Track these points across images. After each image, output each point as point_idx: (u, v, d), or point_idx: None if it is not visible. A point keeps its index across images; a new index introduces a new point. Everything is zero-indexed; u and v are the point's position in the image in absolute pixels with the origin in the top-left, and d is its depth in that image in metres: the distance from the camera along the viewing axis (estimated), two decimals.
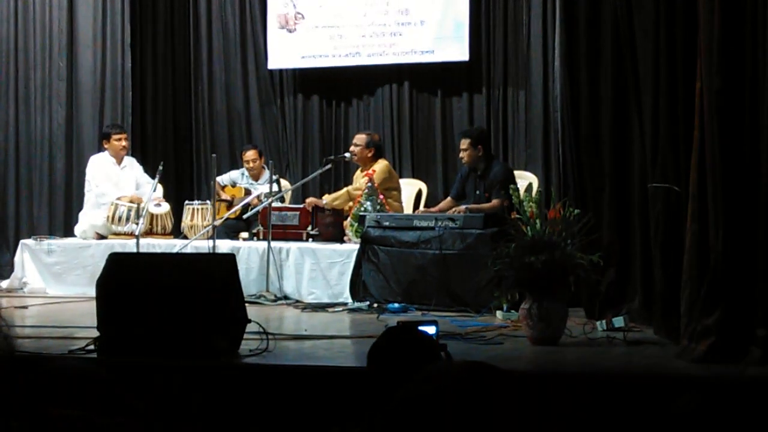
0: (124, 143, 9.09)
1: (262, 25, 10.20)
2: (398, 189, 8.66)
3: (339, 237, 8.17)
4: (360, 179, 8.55)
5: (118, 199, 8.83)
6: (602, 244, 6.20)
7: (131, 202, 8.84)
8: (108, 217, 8.75)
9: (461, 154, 8.05)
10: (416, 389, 1.82)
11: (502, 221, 6.92)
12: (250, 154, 9.44)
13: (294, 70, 10.19)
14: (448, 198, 8.46)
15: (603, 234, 6.32)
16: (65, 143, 9.87)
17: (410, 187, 9.20)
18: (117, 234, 8.73)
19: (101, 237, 8.77)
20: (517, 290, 6.13)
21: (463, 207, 7.79)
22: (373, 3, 9.68)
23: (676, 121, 5.49)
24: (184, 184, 10.40)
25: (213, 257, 7.04)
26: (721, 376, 4.59)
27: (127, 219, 8.71)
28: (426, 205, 8.87)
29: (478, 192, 8.05)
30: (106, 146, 9.10)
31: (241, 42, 10.38)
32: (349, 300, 7.50)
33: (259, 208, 8.38)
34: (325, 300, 7.67)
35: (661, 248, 5.66)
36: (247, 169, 9.43)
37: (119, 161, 9.11)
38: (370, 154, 8.57)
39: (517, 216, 5.96)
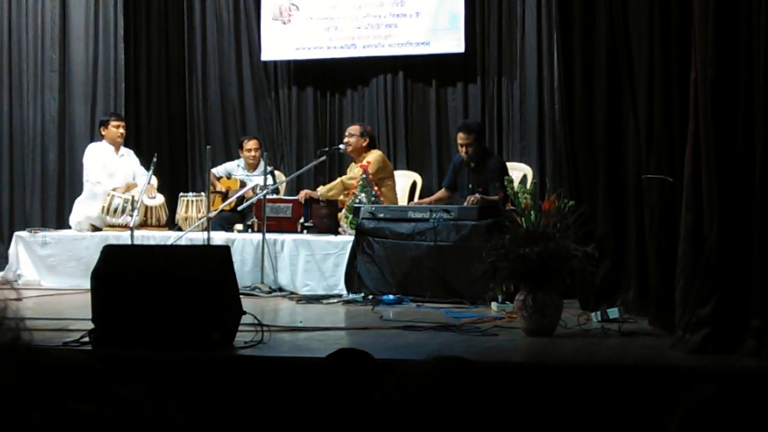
0: (121, 130, 9.09)
1: (256, 17, 10.18)
2: (393, 179, 8.65)
3: (334, 229, 8.17)
4: (354, 169, 8.55)
5: (114, 190, 8.82)
6: (597, 236, 6.20)
7: (127, 188, 8.84)
8: (103, 208, 8.74)
9: (464, 148, 7.99)
10: (395, 387, 1.82)
11: (496, 213, 6.92)
12: (251, 143, 9.42)
13: (288, 62, 10.17)
14: (442, 189, 8.46)
15: (597, 225, 6.32)
16: (58, 135, 9.85)
17: (405, 179, 9.19)
18: (112, 226, 8.72)
19: (96, 229, 8.76)
20: (511, 281, 6.14)
21: (478, 196, 7.71)
22: None
23: (671, 111, 5.49)
24: (178, 175, 10.38)
25: (207, 249, 7.03)
26: (722, 366, 4.59)
27: (122, 211, 8.69)
28: (421, 197, 8.87)
29: (471, 185, 8.04)
30: (103, 133, 9.09)
31: (235, 34, 10.36)
32: (344, 292, 7.51)
33: (254, 200, 8.37)
34: (320, 292, 7.67)
35: (655, 239, 5.66)
36: (247, 158, 9.40)
37: (117, 149, 9.10)
38: (364, 143, 8.57)
39: (512, 207, 5.96)
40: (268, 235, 7.96)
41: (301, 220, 8.27)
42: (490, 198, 7.69)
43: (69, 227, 8.98)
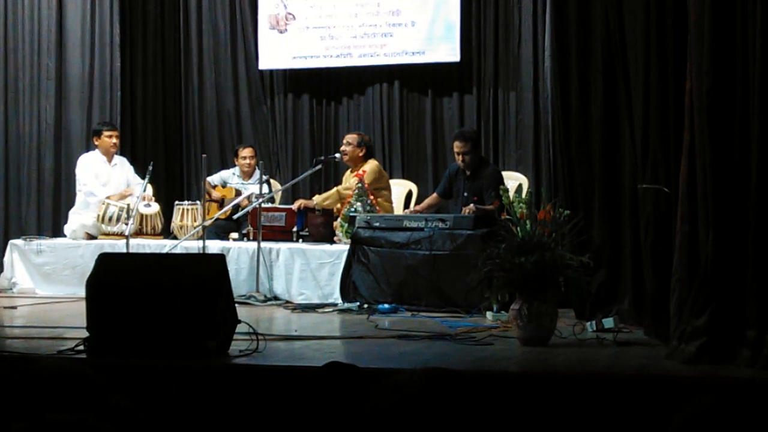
0: (114, 140, 9.09)
1: (252, 26, 10.20)
2: (388, 189, 8.66)
3: (329, 237, 8.17)
4: (350, 179, 8.55)
5: (108, 198, 8.82)
6: (592, 245, 6.20)
7: (122, 196, 8.84)
8: (98, 216, 8.73)
9: (460, 157, 7.98)
10: (383, 397, 1.82)
11: (492, 222, 6.92)
12: (247, 151, 9.44)
13: (285, 71, 10.19)
14: (434, 194, 8.46)
15: (593, 235, 6.32)
16: (54, 143, 9.84)
17: (400, 188, 9.20)
18: (107, 234, 8.71)
19: (91, 237, 8.75)
20: (507, 291, 6.13)
21: (473, 207, 7.71)
22: (364, 4, 9.68)
23: (667, 121, 5.49)
24: (174, 184, 10.39)
25: (203, 258, 7.03)
26: (718, 377, 4.58)
27: (117, 219, 8.69)
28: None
29: (466, 193, 8.04)
30: (96, 143, 9.10)
31: (231, 42, 10.37)
32: (339, 301, 7.50)
33: (249, 208, 8.37)
34: (315, 300, 7.66)
35: (651, 249, 5.66)
36: (242, 166, 9.41)
37: (109, 159, 9.09)
38: (361, 153, 8.58)
39: (508, 217, 5.96)
40: (263, 244, 7.96)
41: (295, 229, 8.27)
42: (486, 207, 7.69)
43: (65, 236, 8.97)
